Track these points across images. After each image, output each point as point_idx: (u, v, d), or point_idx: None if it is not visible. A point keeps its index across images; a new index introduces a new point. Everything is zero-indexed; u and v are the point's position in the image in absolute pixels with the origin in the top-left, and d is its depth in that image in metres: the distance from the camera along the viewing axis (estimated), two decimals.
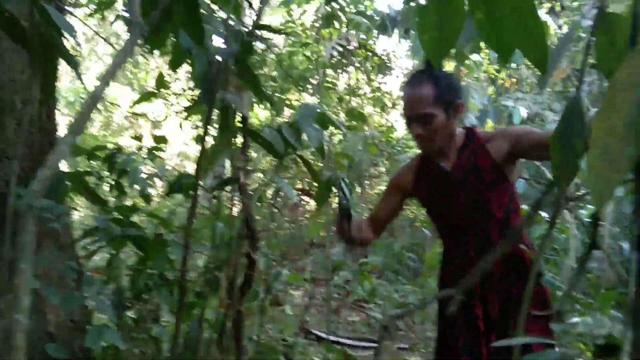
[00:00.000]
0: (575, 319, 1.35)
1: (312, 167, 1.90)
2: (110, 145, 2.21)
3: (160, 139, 2.21)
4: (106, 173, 2.13)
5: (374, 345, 3.97)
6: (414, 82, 1.68)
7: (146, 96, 2.54)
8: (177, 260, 2.02)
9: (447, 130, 1.66)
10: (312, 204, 8.66)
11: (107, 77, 1.43)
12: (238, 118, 1.99)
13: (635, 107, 0.69)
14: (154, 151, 2.22)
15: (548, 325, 1.56)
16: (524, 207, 3.32)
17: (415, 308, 1.65)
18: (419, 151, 1.90)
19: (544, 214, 3.50)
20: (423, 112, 1.62)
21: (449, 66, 4.89)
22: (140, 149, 2.20)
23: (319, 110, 1.78)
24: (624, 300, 1.71)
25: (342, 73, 7.03)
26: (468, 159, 1.69)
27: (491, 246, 1.65)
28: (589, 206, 3.65)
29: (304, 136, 1.93)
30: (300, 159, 1.90)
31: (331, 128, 2.01)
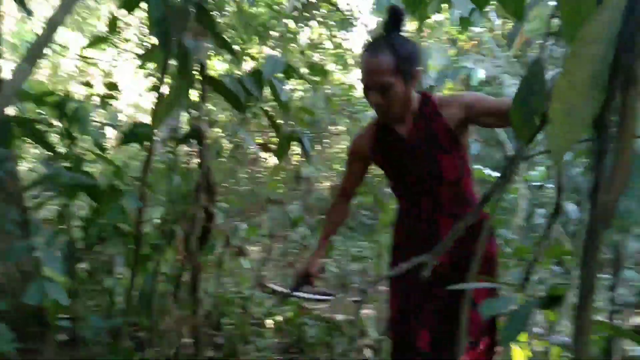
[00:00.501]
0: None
1: (274, 120, 1.86)
2: (59, 92, 2.09)
3: (113, 86, 2.10)
4: (56, 122, 2.03)
5: (330, 298, 4.07)
6: (372, 50, 1.64)
7: (97, 40, 2.40)
8: (132, 212, 1.97)
9: (404, 97, 1.67)
10: (271, 160, 8.61)
11: (55, 20, 1.33)
12: (196, 67, 1.92)
13: (598, 61, 0.70)
14: (106, 99, 2.11)
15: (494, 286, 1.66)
16: (480, 167, 3.42)
17: (388, 275, 1.68)
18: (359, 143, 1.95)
19: (495, 174, 3.61)
20: (382, 81, 1.61)
21: (411, 25, 4.86)
22: (91, 96, 2.09)
23: (284, 61, 1.72)
24: (567, 254, 1.79)
25: (304, 27, 6.87)
26: (423, 124, 1.72)
27: (442, 207, 1.73)
28: (538, 169, 3.79)
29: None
30: (262, 111, 1.86)
31: (291, 83, 1.97)
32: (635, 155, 0.70)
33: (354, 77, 7.96)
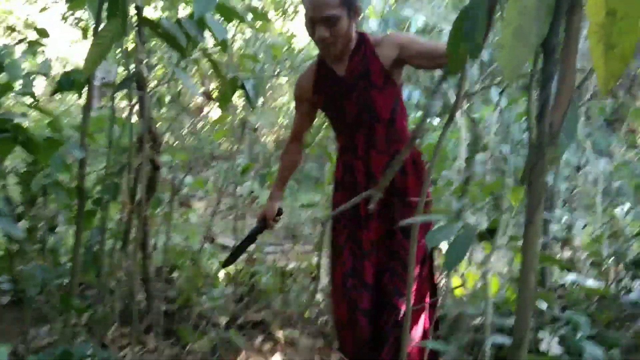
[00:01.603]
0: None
1: (216, 64, 1.80)
2: None
3: (41, 32, 1.95)
4: None
5: (279, 248, 4.12)
6: None
7: None
8: (74, 166, 1.88)
9: (347, 33, 1.73)
10: (214, 110, 8.38)
11: None
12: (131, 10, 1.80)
13: None
14: (34, 45, 1.96)
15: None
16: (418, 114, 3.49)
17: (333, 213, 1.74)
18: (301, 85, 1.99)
19: (435, 121, 3.70)
20: (329, 14, 1.66)
21: None
22: (19, 42, 1.94)
23: (218, 0, 1.65)
24: (499, 189, 1.88)
25: None
26: (359, 63, 1.79)
27: (376, 144, 1.82)
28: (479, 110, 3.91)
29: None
30: (203, 54, 1.79)
31: (231, 32, 1.90)
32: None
33: (295, 26, 7.79)
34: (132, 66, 2.01)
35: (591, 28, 0.73)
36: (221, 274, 3.00)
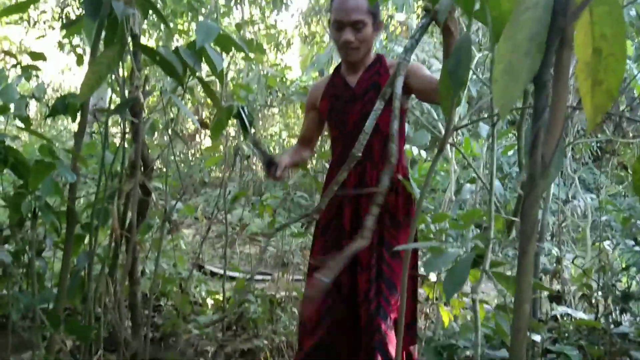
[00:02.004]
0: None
1: (212, 92, 1.82)
2: None
3: (37, 56, 1.96)
4: None
5: (268, 277, 4.08)
6: None
7: (10, 9, 2.21)
8: (64, 190, 1.86)
9: (370, 42, 1.85)
10: (207, 137, 8.40)
11: None
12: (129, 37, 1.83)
13: (537, 24, 0.75)
14: (30, 69, 1.97)
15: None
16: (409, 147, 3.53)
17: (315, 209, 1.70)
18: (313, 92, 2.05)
19: (423, 154, 3.75)
20: (357, 19, 1.78)
21: None
22: (14, 66, 1.95)
23: (218, 28, 1.68)
24: (482, 217, 1.90)
25: (236, 7, 6.71)
26: (371, 77, 1.89)
27: (372, 156, 1.86)
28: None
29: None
30: (200, 82, 1.81)
31: (225, 62, 1.93)
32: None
33: (288, 58, 7.92)
34: (127, 92, 2.03)
35: (579, 66, 0.75)
36: (210, 302, 2.96)
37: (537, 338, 2.01)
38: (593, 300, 2.61)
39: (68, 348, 2.18)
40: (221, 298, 2.84)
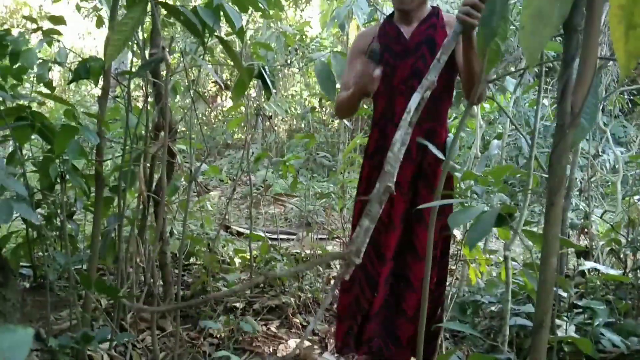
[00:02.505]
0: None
1: (233, 51, 1.79)
2: None
3: (58, 20, 1.96)
4: None
5: (293, 237, 4.14)
6: None
7: None
8: (90, 153, 1.90)
9: None
10: (227, 103, 8.40)
11: None
12: None
13: None
14: (50, 34, 1.97)
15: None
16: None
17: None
18: (335, 49, 1.94)
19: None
20: None
21: None
22: (34, 31, 1.95)
23: None
24: (513, 173, 1.87)
25: None
26: (426, 30, 1.81)
27: (420, 113, 1.77)
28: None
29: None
30: (221, 42, 1.78)
31: (244, 20, 1.89)
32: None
33: (307, 15, 7.75)
34: (147, 54, 2.02)
35: (612, 9, 0.71)
36: (237, 261, 3.03)
37: (561, 293, 2.00)
38: (621, 255, 2.57)
39: (103, 306, 2.28)
40: (248, 257, 2.90)
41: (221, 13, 1.77)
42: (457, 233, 2.74)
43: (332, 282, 2.87)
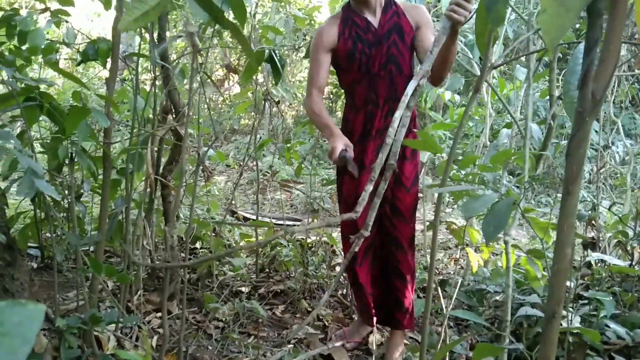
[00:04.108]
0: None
1: (242, 35, 1.77)
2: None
3: (65, 1, 1.94)
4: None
5: (298, 223, 4.14)
6: None
7: None
8: (98, 135, 1.89)
9: None
10: (234, 88, 8.37)
11: None
12: None
13: None
14: (59, 15, 1.96)
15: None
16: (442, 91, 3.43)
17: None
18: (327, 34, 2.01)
19: (457, 98, 3.64)
20: None
21: None
22: (43, 12, 1.93)
23: None
24: (514, 160, 1.86)
25: None
26: (392, 17, 1.92)
27: (396, 96, 1.92)
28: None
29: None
30: (229, 25, 1.76)
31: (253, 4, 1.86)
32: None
33: (316, 0, 7.67)
34: (155, 36, 2.00)
35: None
36: (243, 245, 3.03)
37: (568, 283, 1.99)
38: (628, 248, 2.56)
39: (109, 288, 2.29)
40: (254, 241, 2.90)
41: None
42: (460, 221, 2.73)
43: (337, 268, 2.87)
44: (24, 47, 1.85)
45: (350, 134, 2.00)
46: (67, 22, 1.99)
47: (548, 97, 2.16)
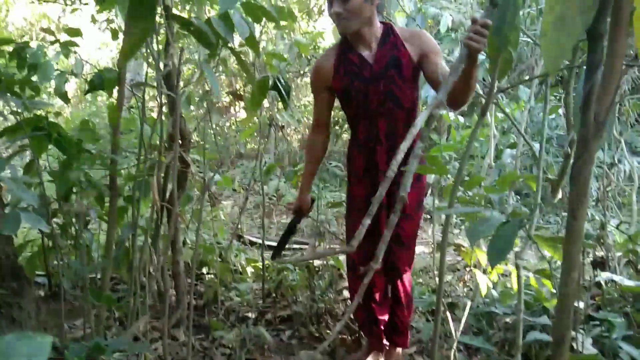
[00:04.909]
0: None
1: (245, 63, 1.80)
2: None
3: (74, 32, 1.99)
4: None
5: (305, 246, 4.12)
6: None
7: None
8: (105, 164, 1.90)
9: (364, 13, 1.80)
10: (240, 114, 8.45)
11: None
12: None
13: None
14: (67, 46, 2.00)
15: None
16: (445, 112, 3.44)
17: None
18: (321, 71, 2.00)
19: (461, 119, 3.65)
20: None
21: None
22: (52, 44, 1.97)
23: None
24: (517, 178, 1.86)
25: None
26: (389, 51, 1.84)
27: (397, 131, 1.89)
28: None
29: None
30: (233, 53, 1.79)
31: (257, 31, 1.90)
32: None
33: (320, 26, 7.79)
34: (162, 65, 2.03)
35: (637, 12, 0.70)
36: (249, 270, 3.02)
37: (577, 304, 1.96)
38: (639, 267, 2.52)
39: (116, 315, 2.28)
40: (260, 266, 2.89)
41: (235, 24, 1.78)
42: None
43: (344, 292, 2.85)
44: (33, 78, 1.89)
45: (354, 171, 2.01)
46: (75, 52, 2.03)
47: (552, 116, 2.17)
